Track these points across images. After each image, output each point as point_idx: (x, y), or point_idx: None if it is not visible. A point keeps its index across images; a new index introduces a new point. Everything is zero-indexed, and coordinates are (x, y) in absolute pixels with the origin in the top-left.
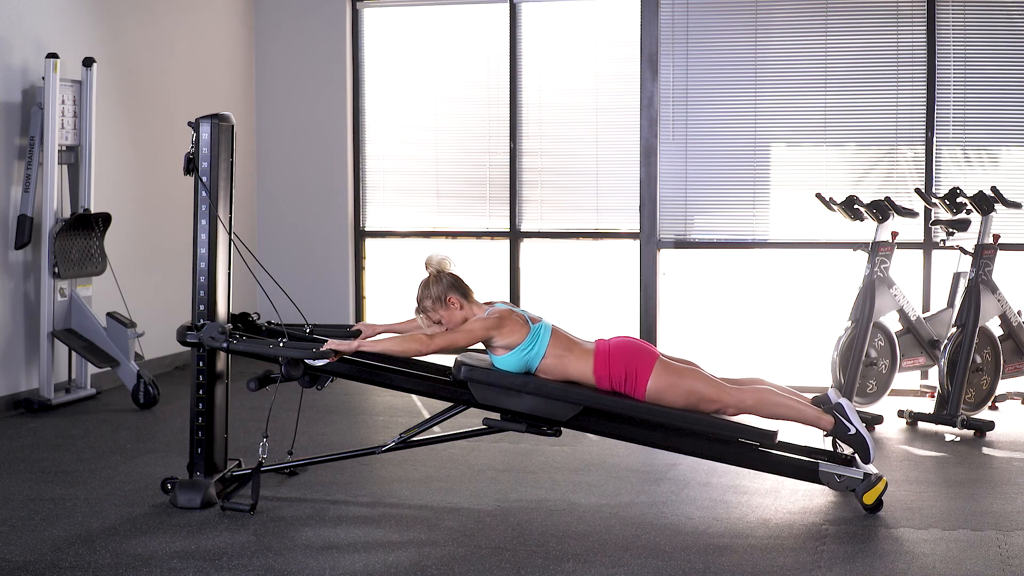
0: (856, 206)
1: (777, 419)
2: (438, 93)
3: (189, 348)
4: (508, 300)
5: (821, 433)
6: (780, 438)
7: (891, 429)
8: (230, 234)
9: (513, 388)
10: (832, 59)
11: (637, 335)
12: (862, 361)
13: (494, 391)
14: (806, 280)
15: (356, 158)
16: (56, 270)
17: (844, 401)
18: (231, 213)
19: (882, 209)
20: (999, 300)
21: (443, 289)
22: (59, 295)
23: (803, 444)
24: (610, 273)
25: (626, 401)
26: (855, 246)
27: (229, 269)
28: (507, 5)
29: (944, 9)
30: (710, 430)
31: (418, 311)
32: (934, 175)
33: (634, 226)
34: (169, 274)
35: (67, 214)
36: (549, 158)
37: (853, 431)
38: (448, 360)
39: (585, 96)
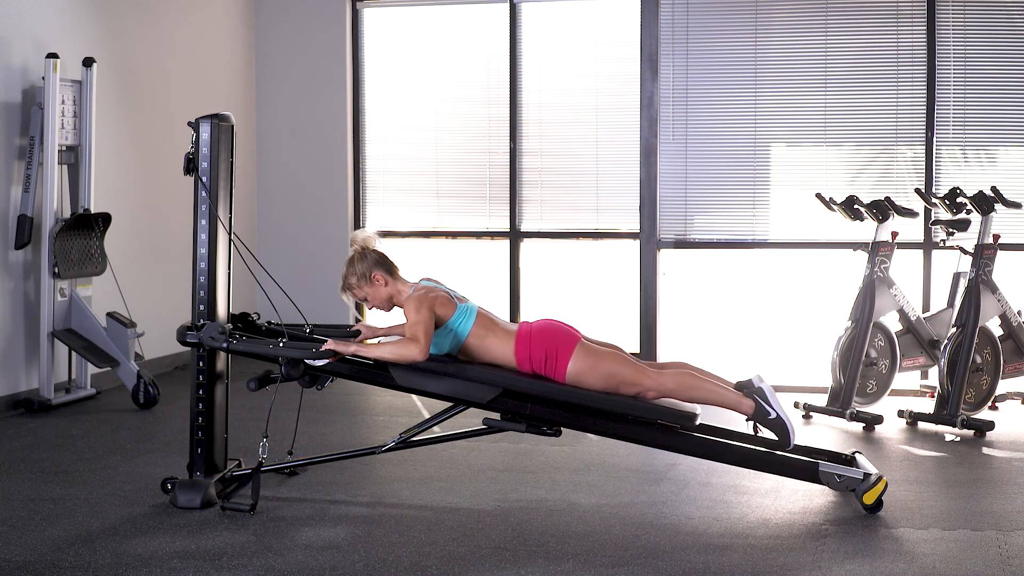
0: (856, 206)
1: (698, 402)
2: (438, 93)
3: (189, 348)
4: (436, 279)
5: (743, 418)
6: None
7: (891, 429)
8: (230, 234)
9: (433, 371)
10: (832, 59)
11: (637, 335)
12: (862, 361)
13: (414, 374)
14: (806, 280)
15: (356, 158)
16: (56, 270)
17: (765, 386)
18: (231, 213)
19: (882, 209)
20: (999, 300)
21: (368, 266)
22: (59, 295)
23: (803, 444)
24: (610, 273)
25: (546, 383)
26: (855, 246)
27: (229, 269)
28: (507, 5)
29: (944, 9)
30: (629, 413)
31: (343, 289)
32: (934, 175)
33: (634, 226)
34: (169, 274)
35: (67, 214)
36: (549, 158)
37: (773, 415)
38: None
39: (585, 96)
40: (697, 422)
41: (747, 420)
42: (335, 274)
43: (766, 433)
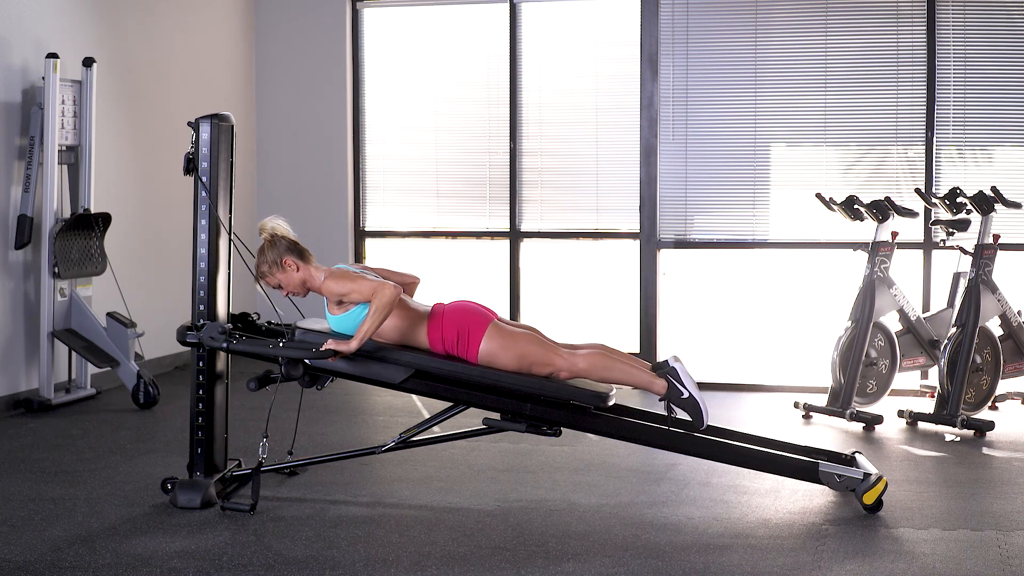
0: (856, 206)
1: (610, 382)
2: (438, 93)
3: (189, 348)
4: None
5: (656, 398)
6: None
7: (891, 429)
8: (230, 234)
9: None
10: (832, 59)
11: (637, 335)
12: (862, 361)
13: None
14: (806, 280)
15: (356, 158)
16: (56, 270)
17: (679, 365)
18: (231, 213)
19: (882, 209)
20: (999, 300)
21: (279, 252)
22: (59, 295)
23: (803, 444)
24: (610, 273)
25: (457, 364)
26: (855, 246)
27: (229, 269)
28: (507, 5)
29: (944, 9)
30: (541, 393)
31: (256, 278)
32: (934, 175)
33: (634, 226)
34: (169, 274)
35: (67, 214)
36: (549, 158)
37: (686, 395)
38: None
39: (585, 96)
40: (610, 403)
41: (660, 400)
42: None
43: (681, 414)
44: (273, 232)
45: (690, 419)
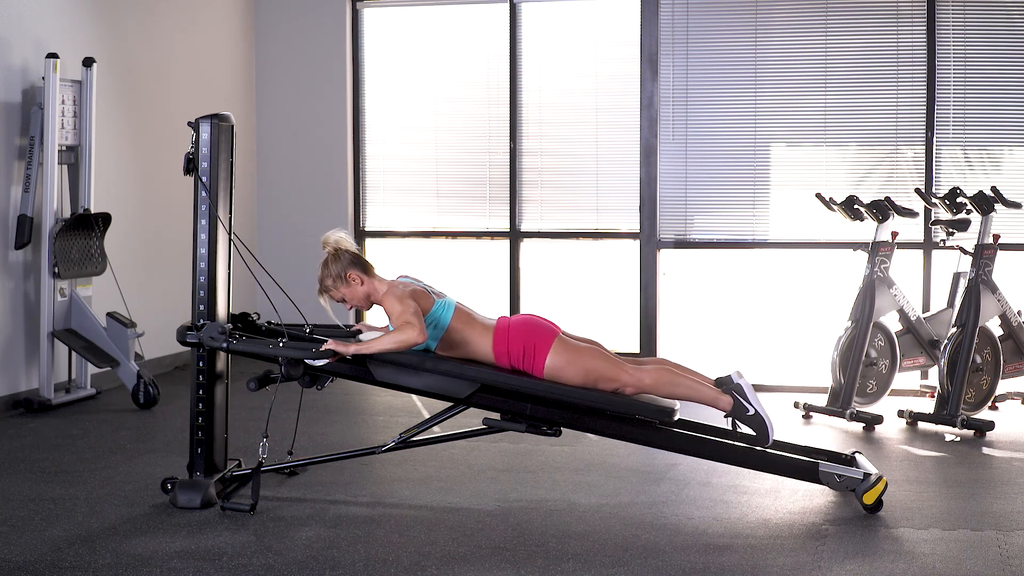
0: (856, 206)
1: (675, 398)
2: (438, 93)
3: (189, 348)
4: (416, 276)
5: (722, 414)
6: (681, 416)
7: (891, 429)
8: (230, 234)
9: (411, 366)
10: (832, 59)
11: (637, 335)
12: (862, 361)
13: (392, 369)
14: (806, 280)
15: (356, 158)
16: (56, 270)
17: (744, 382)
18: (231, 213)
19: (882, 209)
20: (999, 300)
21: (343, 266)
22: (59, 295)
23: (803, 444)
24: (610, 273)
25: (524, 379)
26: (855, 246)
27: (229, 269)
28: (507, 5)
29: (944, 9)
30: (607, 407)
31: (320, 292)
32: (934, 175)
33: (634, 226)
34: (169, 274)
35: (67, 214)
36: (549, 158)
37: (752, 412)
38: None
39: (585, 96)
40: (675, 417)
41: (725, 416)
42: None
43: (745, 429)
44: (337, 246)
45: (755, 435)
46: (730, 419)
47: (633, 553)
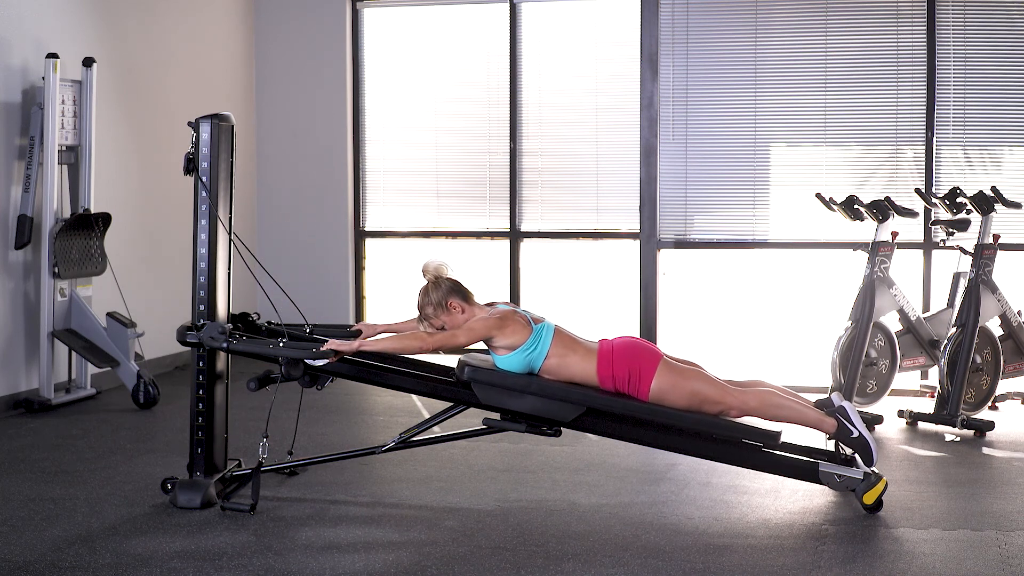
0: (856, 206)
1: (780, 421)
2: (438, 93)
3: (189, 348)
4: (510, 301)
5: (824, 436)
6: (783, 439)
7: (891, 429)
8: (230, 234)
9: (516, 389)
10: (832, 59)
11: (637, 335)
12: (862, 361)
13: (497, 391)
14: (806, 280)
15: (356, 158)
16: (56, 270)
17: (847, 404)
18: (231, 213)
19: (882, 209)
20: (999, 300)
21: (443, 294)
22: (59, 295)
23: (803, 444)
24: (610, 273)
25: (630, 402)
26: (855, 246)
27: (229, 269)
28: (507, 5)
29: (944, 9)
30: (714, 431)
31: (420, 319)
32: (934, 175)
33: (634, 226)
34: (169, 274)
35: (67, 214)
36: (549, 158)
37: (856, 434)
38: (449, 360)
39: (585, 96)
40: (780, 441)
41: (828, 439)
42: (336, 274)
43: (847, 451)
44: (437, 274)
45: (860, 458)
46: (834, 441)
47: (633, 553)
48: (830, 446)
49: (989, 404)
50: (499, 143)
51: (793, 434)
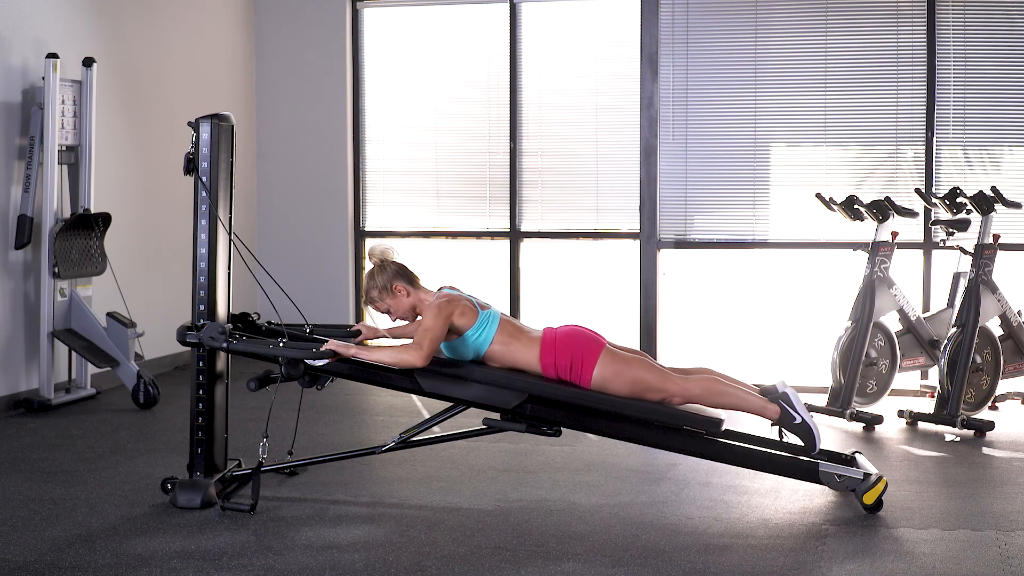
0: (856, 206)
1: (723, 408)
2: (438, 93)
3: (189, 348)
4: (457, 287)
5: (768, 423)
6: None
7: (891, 429)
8: (230, 234)
9: (459, 376)
10: (832, 59)
11: (637, 335)
12: (862, 361)
13: (440, 379)
14: (806, 280)
15: (356, 158)
16: (56, 270)
17: (790, 391)
18: (231, 213)
19: (882, 209)
20: (999, 300)
21: (388, 278)
22: (59, 295)
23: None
24: (610, 273)
25: (571, 389)
26: (855, 246)
27: (229, 269)
28: (507, 5)
29: (944, 9)
30: (655, 418)
31: (366, 302)
32: (934, 175)
33: (634, 226)
34: (169, 274)
35: (67, 214)
36: (549, 158)
37: (799, 420)
38: None
39: (585, 96)
40: (723, 428)
41: (772, 425)
42: (335, 274)
43: (791, 438)
44: (383, 257)
45: (802, 444)
46: (777, 428)
47: (633, 553)
48: (775, 432)
49: (989, 404)
50: (499, 143)
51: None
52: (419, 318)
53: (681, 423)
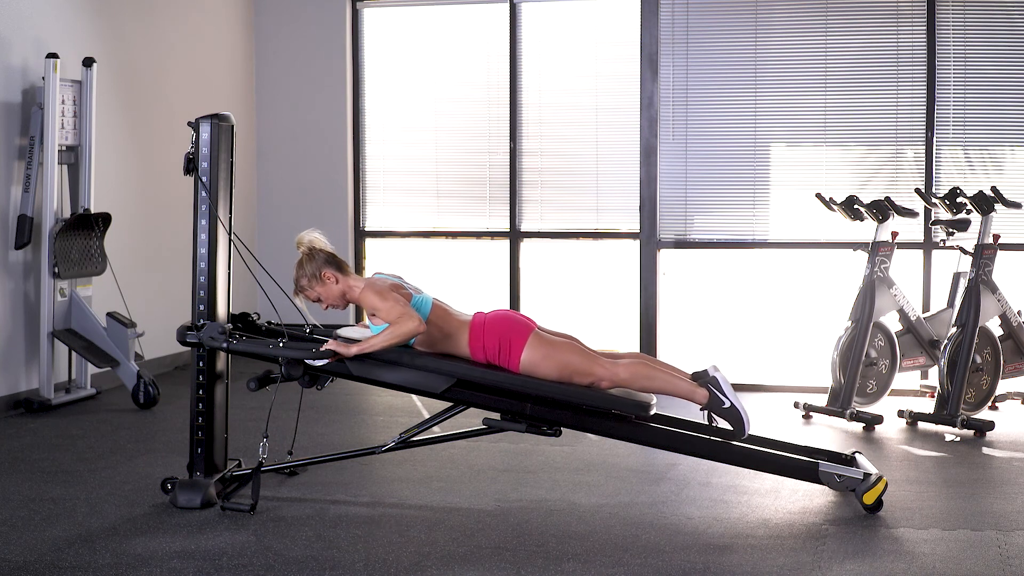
0: (856, 206)
1: (651, 392)
2: (438, 93)
3: (189, 348)
4: (387, 272)
5: (697, 407)
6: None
7: (891, 429)
8: (230, 234)
9: (388, 361)
10: (832, 59)
11: (637, 335)
12: (862, 361)
13: (369, 365)
14: (806, 280)
15: (356, 158)
16: (56, 270)
17: (720, 375)
18: (231, 213)
19: (882, 209)
20: (999, 300)
21: (318, 265)
22: (59, 295)
23: (803, 444)
24: (610, 273)
25: (499, 373)
26: (855, 246)
27: (229, 269)
28: (507, 5)
29: (944, 9)
30: (584, 402)
31: (296, 292)
32: (934, 175)
33: (634, 226)
34: (169, 274)
35: (67, 214)
36: (549, 158)
37: (727, 404)
38: None
39: (585, 96)
40: (651, 412)
41: (701, 409)
42: None
43: (721, 423)
44: (311, 245)
45: (731, 428)
46: (706, 412)
47: (633, 553)
48: (704, 417)
49: (989, 404)
50: (499, 143)
51: (793, 434)
52: (350, 305)
53: (609, 407)
